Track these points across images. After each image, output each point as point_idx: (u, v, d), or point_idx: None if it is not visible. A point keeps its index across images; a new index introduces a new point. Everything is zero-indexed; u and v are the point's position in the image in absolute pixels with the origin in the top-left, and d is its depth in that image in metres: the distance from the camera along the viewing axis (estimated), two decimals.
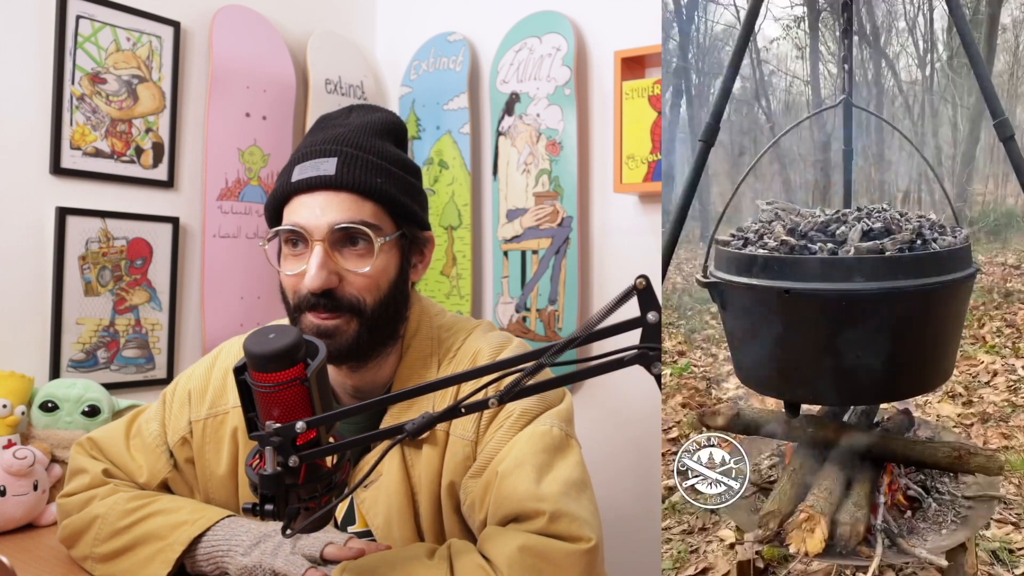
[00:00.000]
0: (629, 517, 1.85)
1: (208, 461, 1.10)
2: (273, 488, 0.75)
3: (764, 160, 1.14)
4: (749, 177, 1.10)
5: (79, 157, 1.73)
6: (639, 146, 1.84)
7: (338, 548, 0.95)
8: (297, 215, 0.98)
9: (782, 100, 1.39)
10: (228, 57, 1.98)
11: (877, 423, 1.21)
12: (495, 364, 0.76)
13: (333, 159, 0.98)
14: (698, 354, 1.46)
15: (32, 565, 1.18)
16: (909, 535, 1.00)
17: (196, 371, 1.16)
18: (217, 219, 1.96)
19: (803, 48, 1.34)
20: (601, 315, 0.72)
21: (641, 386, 1.78)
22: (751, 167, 1.09)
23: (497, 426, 1.00)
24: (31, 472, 1.38)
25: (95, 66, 1.76)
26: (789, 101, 1.39)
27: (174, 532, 1.00)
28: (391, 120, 1.09)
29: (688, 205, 1.12)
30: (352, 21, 2.38)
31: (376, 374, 1.06)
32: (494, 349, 1.07)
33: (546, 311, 2.00)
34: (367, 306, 0.99)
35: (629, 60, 1.87)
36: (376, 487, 1.03)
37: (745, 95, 1.34)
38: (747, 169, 1.09)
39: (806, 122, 1.19)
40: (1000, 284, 1.41)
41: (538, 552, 0.87)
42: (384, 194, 1.00)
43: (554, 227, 2.00)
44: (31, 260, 1.67)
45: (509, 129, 2.09)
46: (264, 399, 0.76)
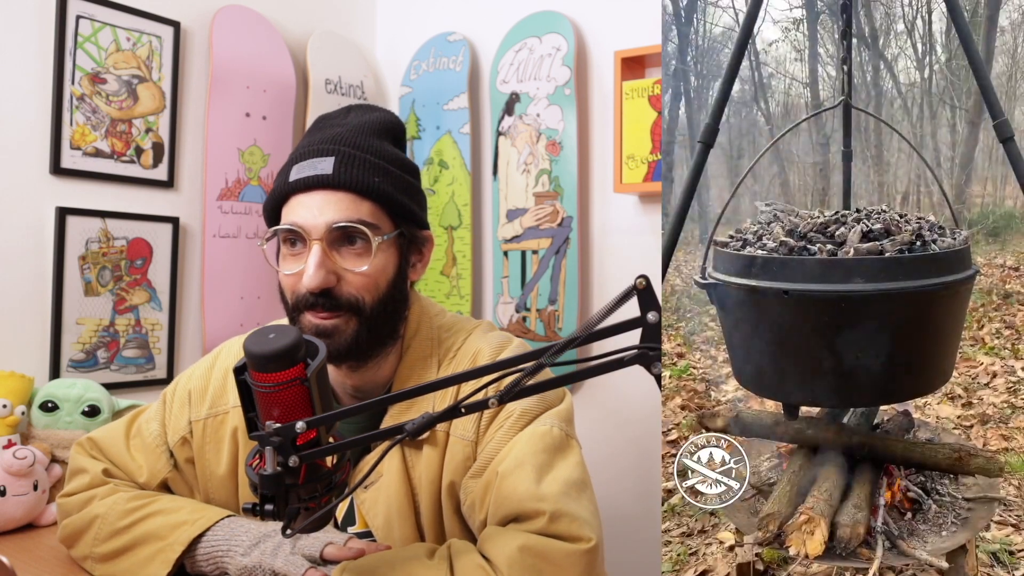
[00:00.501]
0: (629, 517, 1.85)
1: (208, 461, 1.10)
2: (273, 488, 0.75)
3: (763, 162, 1.14)
4: (748, 179, 1.10)
5: (79, 157, 1.73)
6: (639, 146, 1.84)
7: (338, 548, 0.95)
8: (295, 215, 0.98)
9: (781, 102, 1.39)
10: (228, 57, 1.98)
11: (876, 425, 1.21)
12: (495, 364, 0.77)
13: (330, 158, 0.99)
14: (697, 356, 1.46)
15: (32, 565, 1.18)
16: (909, 537, 1.00)
17: (196, 371, 1.16)
18: (217, 219, 1.96)
19: (802, 50, 1.34)
20: (601, 315, 0.72)
21: (641, 386, 1.78)
22: (750, 169, 1.09)
23: (497, 426, 1.00)
24: (31, 472, 1.38)
25: (95, 66, 1.76)
26: (788, 103, 1.39)
27: (174, 532, 1.00)
28: (389, 119, 1.09)
29: (687, 206, 1.12)
30: (352, 21, 2.38)
31: (376, 373, 1.06)
32: (494, 349, 1.07)
33: (546, 311, 2.01)
34: (366, 305, 0.99)
35: (629, 60, 1.87)
36: (376, 487, 1.03)
37: (744, 97, 1.34)
38: (746, 171, 1.09)
39: (805, 124, 1.19)
40: (999, 286, 1.41)
41: (538, 552, 0.87)
42: (382, 193, 1.00)
43: (554, 227, 2.00)
44: (31, 260, 1.67)
45: (509, 129, 2.09)
46: (264, 399, 0.76)
